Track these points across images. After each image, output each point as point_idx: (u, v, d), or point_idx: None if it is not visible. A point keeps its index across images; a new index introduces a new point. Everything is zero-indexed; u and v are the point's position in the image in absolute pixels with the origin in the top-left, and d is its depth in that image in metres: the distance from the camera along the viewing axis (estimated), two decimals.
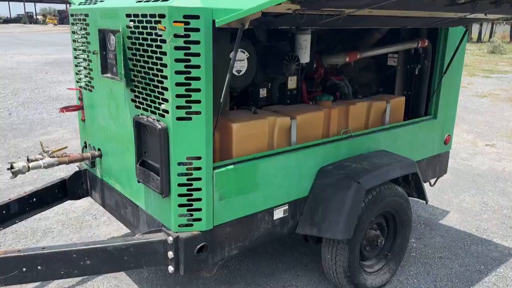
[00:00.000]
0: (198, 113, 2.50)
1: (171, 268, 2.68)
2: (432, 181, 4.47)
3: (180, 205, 2.63)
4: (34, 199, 3.47)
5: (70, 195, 3.71)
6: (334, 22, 2.68)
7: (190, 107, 2.48)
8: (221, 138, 2.89)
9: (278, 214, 3.09)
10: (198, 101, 2.48)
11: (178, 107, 2.47)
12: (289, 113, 3.20)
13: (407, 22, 3.31)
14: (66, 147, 3.36)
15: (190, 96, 2.47)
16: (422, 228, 4.62)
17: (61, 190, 3.66)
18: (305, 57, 3.40)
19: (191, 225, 2.67)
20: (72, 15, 3.41)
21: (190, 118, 2.50)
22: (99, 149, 3.42)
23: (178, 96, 2.45)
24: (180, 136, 2.51)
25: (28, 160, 3.17)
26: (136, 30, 2.63)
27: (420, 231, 4.54)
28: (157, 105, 2.57)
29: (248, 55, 3.00)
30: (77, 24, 3.36)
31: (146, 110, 2.70)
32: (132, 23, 2.63)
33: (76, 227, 4.58)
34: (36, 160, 3.18)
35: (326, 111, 3.38)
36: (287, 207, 3.13)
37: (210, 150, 2.60)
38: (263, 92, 3.41)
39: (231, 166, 2.75)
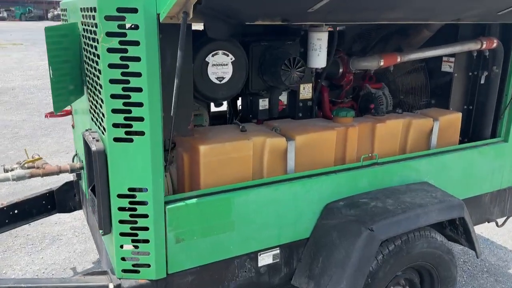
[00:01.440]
0: (140, 133, 1.94)
1: None
2: (500, 220, 3.47)
3: (123, 247, 2.10)
4: (16, 211, 3.18)
5: (59, 208, 3.38)
6: (349, 15, 1.98)
7: (130, 126, 1.94)
8: (190, 163, 2.31)
9: (265, 259, 2.44)
10: (141, 119, 1.93)
11: (114, 125, 1.93)
12: (288, 132, 2.52)
13: (461, 11, 2.43)
14: (40, 158, 3.01)
15: (130, 111, 1.92)
16: (484, 278, 3.63)
17: (49, 202, 3.35)
18: (318, 61, 2.68)
19: (137, 271, 2.13)
20: (62, 9, 3.05)
21: (131, 140, 1.95)
22: (82, 161, 3.02)
23: (114, 111, 1.92)
24: (118, 161, 1.98)
25: (4, 170, 2.87)
26: (83, 28, 2.15)
27: (480, 283, 3.56)
28: (100, 120, 2.07)
29: (233, 59, 2.37)
30: (62, 20, 2.99)
31: (95, 124, 2.22)
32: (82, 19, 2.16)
33: (87, 236, 4.30)
34: (7, 171, 2.86)
35: (341, 130, 2.63)
36: (278, 251, 2.46)
37: (160, 180, 2.03)
38: (263, 104, 2.75)
39: (193, 201, 2.15)
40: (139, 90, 1.89)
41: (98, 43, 1.86)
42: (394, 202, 2.52)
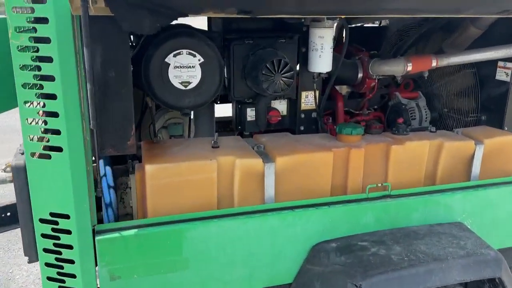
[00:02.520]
0: (58, 149, 1.61)
1: None
2: None
3: (50, 279, 1.79)
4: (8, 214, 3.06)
5: None
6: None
7: (47, 140, 1.61)
8: (141, 186, 1.93)
9: None
10: (57, 132, 1.59)
11: (30, 138, 1.62)
12: (272, 151, 2.04)
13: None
14: None
15: (45, 123, 1.59)
16: None
17: None
18: (320, 64, 2.17)
19: None
20: None
21: (48, 156, 1.62)
22: None
23: (30, 121, 1.60)
24: (38, 180, 1.66)
25: None
26: None
27: None
28: None
29: (202, 60, 1.94)
30: None
31: None
32: None
33: None
34: None
35: (341, 151, 2.08)
36: None
37: (85, 206, 1.68)
38: (252, 114, 2.29)
39: (130, 232, 1.78)
40: (53, 97, 1.56)
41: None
42: (403, 250, 1.93)
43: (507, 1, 1.77)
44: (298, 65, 2.31)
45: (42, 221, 1.71)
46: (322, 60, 2.16)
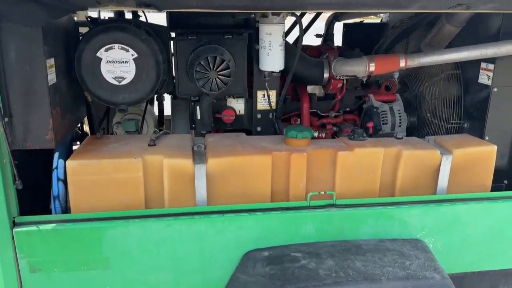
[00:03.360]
0: None
1: None
2: None
3: None
4: None
5: None
6: None
7: None
8: None
9: None
10: None
11: None
12: (209, 152, 1.95)
13: None
14: None
15: None
16: None
17: None
18: (268, 62, 2.05)
19: None
20: None
21: None
22: None
23: None
24: None
25: None
26: None
27: None
28: None
29: (135, 55, 1.90)
30: None
31: None
32: None
33: None
34: None
35: (281, 155, 1.95)
36: None
37: (7, 198, 1.70)
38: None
39: (48, 226, 1.77)
40: None
41: None
42: (335, 264, 1.77)
43: None
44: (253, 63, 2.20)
45: None
46: (270, 58, 2.04)
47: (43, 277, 1.82)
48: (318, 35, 3.06)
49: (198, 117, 2.19)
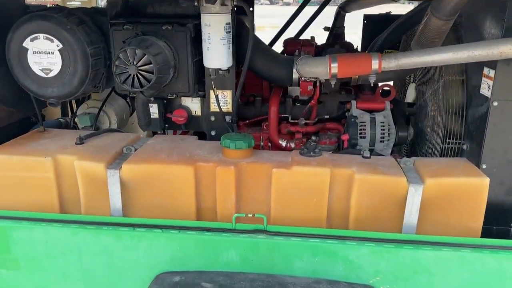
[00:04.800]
0: None
1: None
2: None
3: None
4: None
5: None
6: None
7: None
8: None
9: None
10: None
11: None
12: (134, 157, 1.75)
13: None
14: None
15: None
16: None
17: None
18: (210, 58, 1.77)
19: None
20: None
21: None
22: None
23: None
24: None
25: None
26: None
27: None
28: None
29: (60, 46, 1.75)
30: None
31: None
32: None
33: None
34: None
35: (206, 167, 1.67)
36: None
37: None
38: (152, 111, 2.01)
39: None
40: None
41: None
42: None
43: None
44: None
45: None
46: (211, 53, 1.76)
47: None
48: (326, 28, 2.67)
49: (152, 116, 2.00)
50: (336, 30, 2.64)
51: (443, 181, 1.60)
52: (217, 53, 1.76)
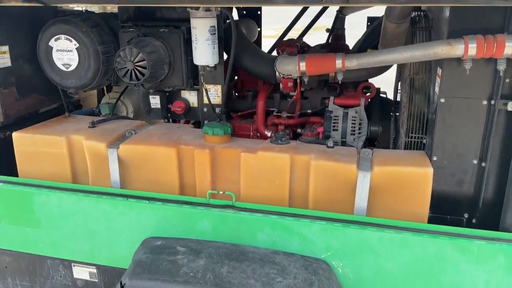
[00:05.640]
0: None
1: None
2: None
3: None
4: None
5: None
6: None
7: None
8: None
9: (81, 273, 2.18)
10: None
11: None
12: (133, 139, 2.08)
13: None
14: None
15: None
16: None
17: None
18: (197, 56, 2.05)
19: None
20: None
21: None
22: None
23: None
24: None
25: None
26: None
27: None
28: None
29: (77, 45, 2.12)
30: None
31: None
32: None
33: None
34: None
35: (186, 150, 1.96)
36: (94, 270, 2.15)
37: None
38: (154, 102, 2.33)
39: None
40: None
41: None
42: (205, 265, 1.73)
43: None
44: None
45: None
46: (198, 52, 2.03)
47: None
48: (328, 30, 2.85)
49: (152, 106, 2.33)
50: (336, 32, 2.82)
51: (389, 169, 1.77)
52: (203, 52, 2.03)
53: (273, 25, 2.97)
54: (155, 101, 2.33)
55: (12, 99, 2.16)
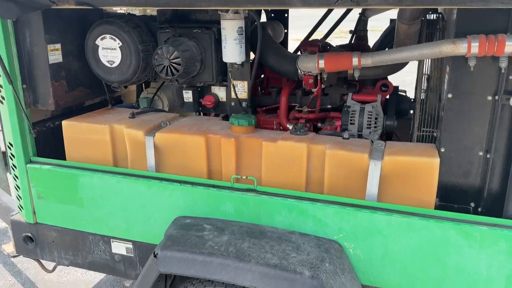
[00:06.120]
0: (3, 99, 2.38)
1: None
2: None
3: (15, 188, 2.63)
4: None
5: None
6: None
7: (0, 91, 2.40)
8: None
9: (118, 248, 2.43)
10: (1, 87, 2.36)
11: None
12: (167, 129, 2.31)
13: None
14: None
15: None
16: None
17: None
18: (226, 54, 2.26)
19: (21, 210, 2.62)
20: None
21: (1, 102, 2.42)
22: None
23: None
24: (2, 117, 2.49)
25: None
26: None
27: None
28: None
29: (120, 44, 2.37)
30: None
31: None
32: None
33: None
34: None
35: (214, 138, 2.16)
36: (131, 246, 2.40)
37: (25, 142, 2.42)
38: (187, 96, 2.55)
39: (47, 167, 2.42)
40: None
41: None
42: (228, 241, 1.94)
43: None
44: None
45: (8, 146, 2.54)
46: (227, 50, 2.24)
47: (46, 204, 2.50)
48: (351, 32, 3.01)
49: (185, 100, 2.56)
50: (359, 34, 2.96)
51: (399, 158, 1.92)
52: (231, 51, 2.24)
53: (303, 28, 3.17)
54: (187, 96, 2.55)
55: (62, 91, 2.43)
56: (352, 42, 3.00)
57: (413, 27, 1.92)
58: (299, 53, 2.79)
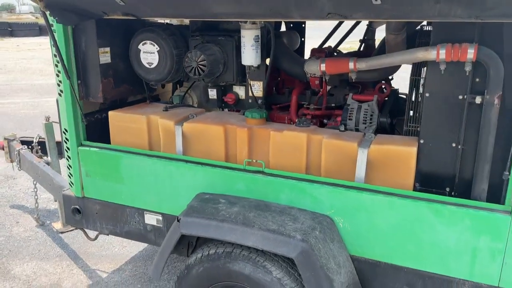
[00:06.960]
0: (61, 92, 2.90)
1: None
2: None
3: (68, 167, 3.14)
4: None
5: None
6: None
7: (59, 85, 2.92)
8: None
9: (150, 220, 2.88)
10: (60, 82, 2.88)
11: (58, 84, 2.96)
12: (194, 120, 2.75)
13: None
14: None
15: (58, 75, 2.90)
16: None
17: None
18: (245, 58, 2.68)
19: (72, 186, 3.13)
20: None
21: (60, 95, 2.94)
22: None
23: (58, 74, 2.94)
24: (60, 107, 3.01)
25: None
26: None
27: None
28: None
29: (158, 48, 2.84)
30: None
31: None
32: None
33: None
34: None
35: (230, 128, 2.58)
36: (160, 217, 2.84)
37: (77, 128, 2.92)
38: (212, 93, 2.99)
39: (95, 149, 2.91)
40: (57, 64, 2.84)
41: None
42: (238, 211, 2.34)
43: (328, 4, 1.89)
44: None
45: (63, 132, 3.06)
46: (245, 55, 2.65)
47: (92, 181, 2.99)
48: (360, 40, 3.37)
49: (210, 97, 3.00)
50: (367, 42, 3.31)
51: (382, 147, 2.27)
52: (249, 55, 2.66)
53: (322, 38, 3.58)
54: (212, 93, 3.00)
55: (110, 87, 2.93)
56: (361, 50, 3.35)
57: (399, 37, 2.27)
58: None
